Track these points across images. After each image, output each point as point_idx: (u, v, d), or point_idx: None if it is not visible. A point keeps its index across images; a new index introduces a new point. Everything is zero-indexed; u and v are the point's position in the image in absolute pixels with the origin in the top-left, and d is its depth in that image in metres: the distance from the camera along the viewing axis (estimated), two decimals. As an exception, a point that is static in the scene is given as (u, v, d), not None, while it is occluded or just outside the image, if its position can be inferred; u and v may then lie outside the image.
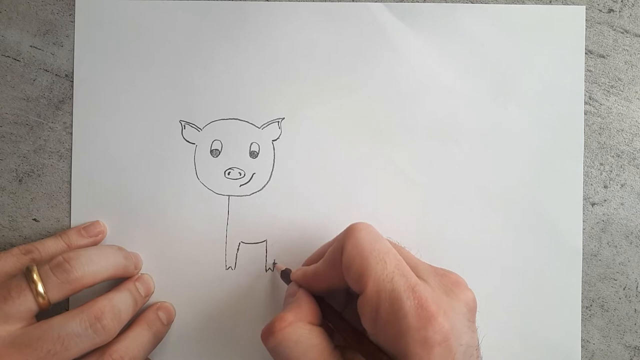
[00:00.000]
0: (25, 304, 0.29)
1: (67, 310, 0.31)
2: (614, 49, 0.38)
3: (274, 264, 0.37)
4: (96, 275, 0.32)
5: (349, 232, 0.29)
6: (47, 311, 0.30)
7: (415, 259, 0.30)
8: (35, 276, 0.30)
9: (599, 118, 0.37)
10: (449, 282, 0.28)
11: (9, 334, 0.29)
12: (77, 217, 0.37)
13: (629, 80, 0.38)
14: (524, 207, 0.37)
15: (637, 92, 0.38)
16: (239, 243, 0.37)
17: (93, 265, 0.32)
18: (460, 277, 0.29)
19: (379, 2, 0.37)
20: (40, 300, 0.30)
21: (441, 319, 0.25)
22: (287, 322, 0.28)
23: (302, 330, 0.28)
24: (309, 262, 0.34)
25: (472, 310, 0.28)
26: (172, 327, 0.36)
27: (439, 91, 0.37)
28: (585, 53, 0.37)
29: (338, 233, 0.37)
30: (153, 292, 0.36)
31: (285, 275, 0.34)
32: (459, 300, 0.28)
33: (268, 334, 0.28)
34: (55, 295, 0.30)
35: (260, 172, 0.37)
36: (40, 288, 0.30)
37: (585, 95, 0.37)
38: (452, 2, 0.37)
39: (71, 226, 0.36)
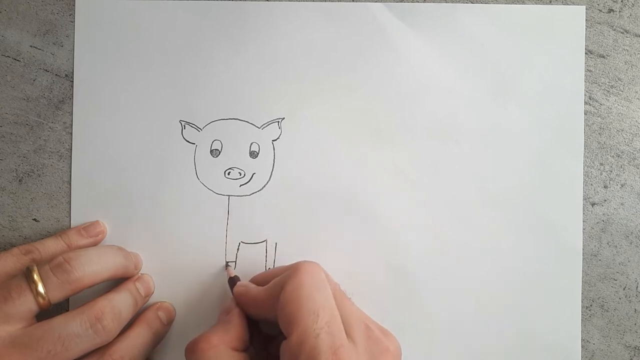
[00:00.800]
0: (26, 304, 0.29)
1: (68, 310, 0.31)
2: (614, 49, 0.38)
3: (227, 266, 0.36)
4: (96, 276, 0.32)
5: (294, 272, 0.29)
6: (47, 311, 0.30)
7: (356, 315, 0.29)
8: (35, 276, 0.30)
9: (599, 118, 0.37)
10: (377, 350, 0.28)
11: (9, 334, 0.29)
12: (77, 217, 0.37)
13: (629, 80, 0.38)
14: (524, 207, 0.37)
15: (637, 92, 0.38)
16: (239, 243, 0.37)
17: (93, 266, 0.32)
18: (393, 344, 0.29)
19: (379, 2, 0.37)
20: (41, 300, 0.30)
21: None
22: (210, 344, 0.28)
23: (223, 356, 0.28)
24: (257, 280, 0.34)
25: None
26: (172, 327, 0.36)
27: (439, 91, 0.37)
28: (585, 53, 0.37)
29: (338, 233, 0.37)
30: (153, 292, 0.36)
31: (232, 283, 0.34)
32: None
33: (190, 352, 0.29)
34: (56, 295, 0.30)
35: (260, 172, 0.37)
36: (41, 288, 0.30)
37: (585, 95, 0.37)
38: (452, 2, 0.37)
39: (71, 226, 0.36)
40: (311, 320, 0.27)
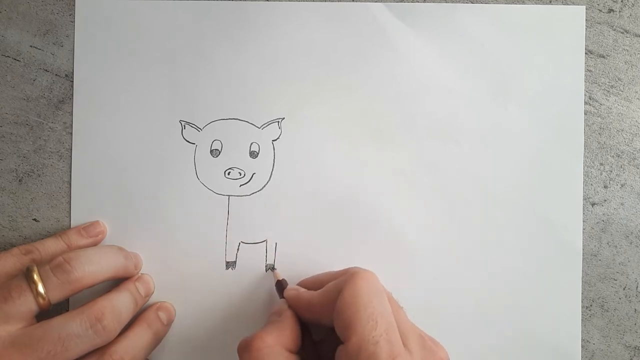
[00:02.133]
0: (26, 304, 0.29)
1: (68, 310, 0.31)
2: (614, 49, 0.38)
3: (273, 268, 0.37)
4: (96, 276, 0.32)
5: (351, 278, 0.29)
6: (47, 312, 0.30)
7: (408, 324, 0.29)
8: (35, 276, 0.30)
9: (599, 118, 0.37)
10: (434, 358, 0.28)
11: (9, 334, 0.29)
12: (77, 217, 0.37)
13: (629, 80, 0.38)
14: (524, 207, 0.37)
15: (637, 92, 0.38)
16: (239, 243, 0.37)
17: (93, 266, 0.32)
18: (444, 354, 0.29)
19: (379, 2, 0.37)
20: (41, 300, 0.30)
21: None
22: (265, 344, 0.28)
23: (278, 356, 0.28)
24: (305, 284, 0.34)
25: None
26: (172, 327, 0.36)
27: (439, 91, 0.37)
28: (585, 53, 0.37)
29: (338, 233, 0.37)
30: (153, 292, 0.36)
31: (280, 287, 0.34)
32: None
33: (244, 350, 0.28)
34: (56, 295, 0.30)
35: (260, 172, 0.37)
36: (41, 288, 0.30)
37: (585, 95, 0.37)
38: (452, 2, 0.37)
39: (71, 226, 0.36)
40: (370, 327, 0.26)
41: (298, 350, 0.30)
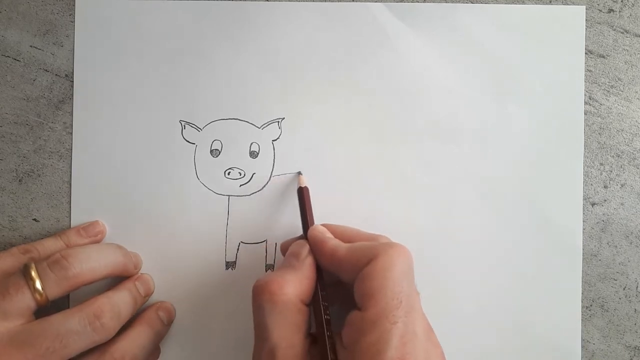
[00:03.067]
0: (23, 300, 0.29)
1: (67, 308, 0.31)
2: (614, 49, 0.38)
3: (299, 173, 0.36)
4: (94, 273, 0.32)
5: (388, 250, 0.28)
6: (45, 308, 0.30)
7: (421, 312, 0.28)
8: (33, 273, 0.30)
9: (599, 118, 0.37)
10: (433, 354, 0.28)
11: (8, 331, 0.29)
12: (77, 217, 0.37)
13: (629, 80, 0.38)
14: (524, 207, 0.37)
15: (637, 92, 0.38)
16: (239, 243, 0.37)
17: (91, 263, 0.31)
18: (441, 350, 0.29)
19: (379, 2, 0.37)
20: (38, 297, 0.30)
21: None
22: (282, 294, 0.28)
23: (292, 307, 0.28)
24: (331, 229, 0.33)
25: None
26: (172, 327, 0.36)
27: (439, 91, 0.37)
28: (585, 53, 0.37)
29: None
30: (153, 292, 0.36)
31: (301, 196, 0.33)
32: None
33: (261, 291, 0.28)
34: (53, 292, 0.30)
35: (260, 172, 0.37)
36: (38, 285, 0.30)
37: (585, 95, 0.37)
38: (452, 2, 0.37)
39: (71, 226, 0.36)
40: (393, 305, 0.26)
41: (310, 303, 0.29)
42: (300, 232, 0.34)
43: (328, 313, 0.29)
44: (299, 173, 0.36)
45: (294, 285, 0.29)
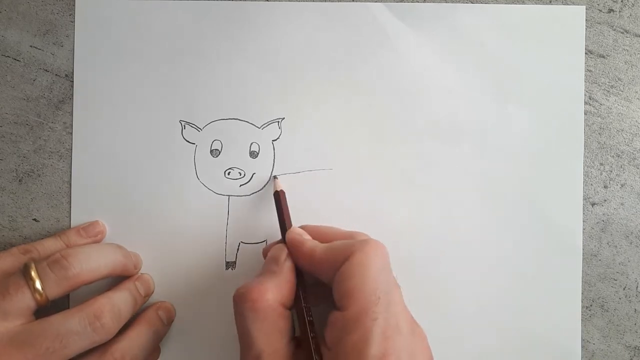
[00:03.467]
0: (23, 300, 0.29)
1: (67, 308, 0.31)
2: (614, 49, 0.38)
3: (275, 177, 0.36)
4: (94, 272, 0.32)
5: (362, 245, 0.28)
6: (45, 308, 0.30)
7: (402, 306, 0.28)
8: (33, 273, 0.30)
9: (599, 118, 0.37)
10: (419, 347, 0.28)
11: (8, 331, 0.29)
12: (77, 217, 0.37)
13: (629, 80, 0.38)
14: (524, 207, 0.37)
15: (637, 92, 0.38)
16: (239, 243, 0.37)
17: (91, 262, 0.31)
18: (427, 343, 0.28)
19: (379, 2, 0.37)
20: (38, 297, 0.30)
21: None
22: (263, 299, 0.28)
23: (274, 313, 0.28)
24: (308, 230, 0.33)
25: None
26: (172, 327, 0.36)
27: (439, 91, 0.37)
28: (585, 53, 0.37)
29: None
30: (153, 292, 0.36)
31: (277, 200, 0.33)
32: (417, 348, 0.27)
33: (242, 300, 0.28)
34: (53, 291, 0.30)
35: (260, 172, 0.37)
36: (38, 285, 0.30)
37: (585, 95, 0.37)
38: (452, 2, 0.37)
39: (71, 226, 0.36)
40: (372, 301, 0.26)
41: (292, 307, 0.30)
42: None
43: (310, 315, 0.29)
44: (275, 177, 0.36)
45: (274, 291, 0.29)
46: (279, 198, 0.34)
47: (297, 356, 0.28)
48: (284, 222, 0.33)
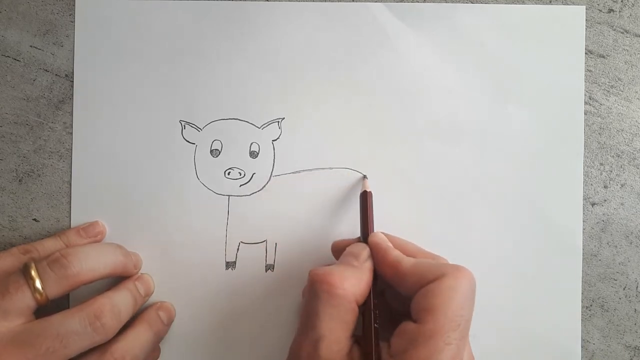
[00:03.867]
0: (23, 300, 0.29)
1: (68, 308, 0.31)
2: (614, 49, 0.38)
3: (364, 177, 0.36)
4: (94, 272, 0.32)
5: (455, 271, 0.28)
6: (45, 308, 0.30)
7: (468, 339, 0.29)
8: (33, 272, 0.30)
9: (599, 118, 0.37)
10: None
11: (8, 331, 0.29)
12: (77, 217, 0.37)
13: (629, 80, 0.38)
14: (524, 207, 0.37)
15: (637, 92, 0.38)
16: (239, 243, 0.37)
17: (91, 262, 0.31)
18: None
19: (379, 2, 0.37)
20: (38, 296, 0.30)
21: None
22: (341, 289, 0.28)
23: (347, 304, 0.28)
24: (395, 242, 0.33)
25: None
26: (172, 327, 0.36)
27: (439, 91, 0.37)
28: (585, 53, 0.37)
29: (338, 233, 0.37)
30: (153, 292, 0.36)
31: (364, 200, 0.33)
32: None
33: (320, 280, 0.28)
34: (53, 291, 0.30)
35: (260, 172, 0.37)
36: (38, 284, 0.30)
37: (585, 95, 0.37)
38: (452, 2, 0.37)
39: (71, 226, 0.36)
40: (452, 327, 0.26)
41: (361, 304, 0.30)
42: (299, 232, 0.34)
43: (377, 322, 0.29)
44: (365, 177, 0.36)
45: (353, 283, 0.29)
46: (366, 198, 0.34)
47: (352, 354, 0.28)
48: (367, 223, 0.33)
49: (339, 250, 0.33)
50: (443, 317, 0.26)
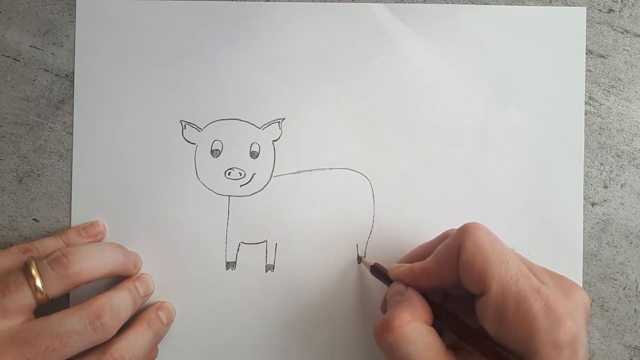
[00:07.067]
0: (24, 298, 0.29)
1: (67, 307, 0.31)
2: (614, 49, 0.38)
3: (361, 258, 0.36)
4: (94, 271, 0.32)
5: (467, 231, 0.29)
6: (45, 307, 0.30)
7: (529, 262, 0.30)
8: (33, 271, 0.30)
9: (599, 118, 0.38)
10: (566, 285, 0.28)
11: (8, 329, 0.29)
12: (77, 217, 0.37)
13: (629, 80, 0.38)
14: (525, 207, 0.37)
15: (637, 92, 0.38)
16: (239, 243, 0.37)
17: (91, 261, 0.31)
18: (573, 280, 0.29)
19: (379, 2, 0.37)
20: (39, 295, 0.30)
21: (570, 321, 0.25)
22: (405, 320, 0.28)
23: (419, 329, 0.28)
24: (406, 261, 0.34)
25: (588, 313, 0.29)
26: (172, 327, 0.36)
27: (440, 91, 0.37)
28: (586, 53, 0.37)
29: (337, 233, 0.37)
30: (153, 292, 0.36)
31: (377, 271, 0.34)
32: (578, 303, 0.28)
33: (384, 330, 0.28)
34: (54, 290, 0.30)
35: (261, 172, 0.37)
36: (39, 283, 0.30)
37: (585, 95, 0.37)
38: (453, 2, 0.37)
39: (71, 226, 0.36)
40: (504, 269, 0.27)
41: (432, 322, 0.30)
42: (299, 232, 0.34)
43: (462, 321, 0.30)
44: (361, 258, 0.37)
45: (411, 311, 0.29)
46: (378, 269, 0.34)
47: (460, 356, 0.28)
48: (384, 274, 0.34)
49: (384, 306, 0.34)
50: (493, 271, 0.27)
